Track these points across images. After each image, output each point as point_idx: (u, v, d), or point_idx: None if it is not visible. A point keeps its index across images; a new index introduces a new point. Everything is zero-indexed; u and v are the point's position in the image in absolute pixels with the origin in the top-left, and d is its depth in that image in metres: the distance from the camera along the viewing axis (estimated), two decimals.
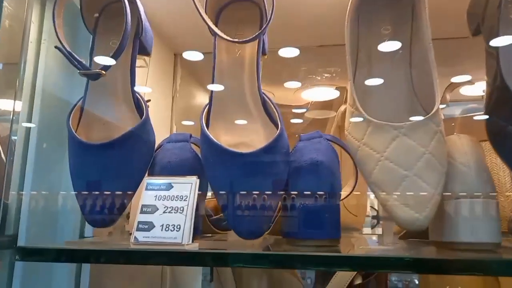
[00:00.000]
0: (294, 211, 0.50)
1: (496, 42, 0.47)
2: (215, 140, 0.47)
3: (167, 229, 0.44)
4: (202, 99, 0.97)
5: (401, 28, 0.53)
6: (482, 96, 0.84)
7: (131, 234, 0.46)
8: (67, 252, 0.47)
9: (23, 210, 0.54)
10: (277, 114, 0.51)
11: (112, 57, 0.50)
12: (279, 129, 0.48)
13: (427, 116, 0.45)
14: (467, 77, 0.89)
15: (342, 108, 0.90)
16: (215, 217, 0.63)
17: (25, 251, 0.48)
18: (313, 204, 0.49)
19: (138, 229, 0.44)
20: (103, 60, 0.54)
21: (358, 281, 0.77)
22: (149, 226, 0.44)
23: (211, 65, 0.80)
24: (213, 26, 0.50)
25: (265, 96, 0.53)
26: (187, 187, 0.46)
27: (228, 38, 0.50)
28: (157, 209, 0.45)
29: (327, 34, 0.75)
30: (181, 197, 0.45)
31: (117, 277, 0.66)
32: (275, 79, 0.88)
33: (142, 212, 0.45)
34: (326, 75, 0.79)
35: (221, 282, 0.82)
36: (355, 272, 0.76)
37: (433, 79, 0.47)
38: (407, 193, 0.43)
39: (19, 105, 0.54)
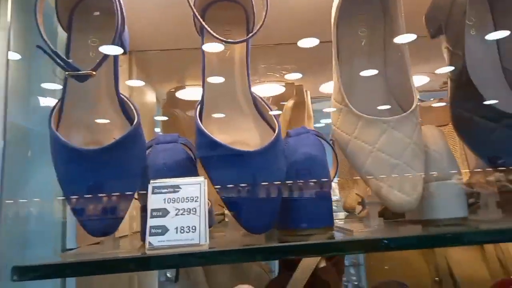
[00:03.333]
0: (291, 203, 0.52)
1: (459, 44, 0.54)
2: (218, 140, 0.47)
3: (182, 231, 0.44)
4: (154, 98, 0.95)
5: (376, 31, 0.58)
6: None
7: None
8: (64, 266, 0.44)
9: None
10: (269, 111, 0.53)
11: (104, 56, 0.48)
12: (277, 126, 0.50)
13: (410, 110, 0.51)
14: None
15: (290, 103, 0.95)
16: None
17: None
18: (309, 195, 0.52)
19: (151, 234, 0.43)
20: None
21: (323, 264, 0.82)
22: (163, 230, 0.44)
23: (163, 63, 0.80)
24: (205, 25, 0.50)
25: (255, 95, 0.54)
26: (195, 187, 0.46)
27: (221, 38, 0.50)
28: (168, 212, 0.45)
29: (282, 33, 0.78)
30: (192, 198, 0.45)
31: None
32: None
33: (152, 216, 0.44)
34: (283, 72, 0.83)
35: (190, 279, 0.81)
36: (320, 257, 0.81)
37: (409, 76, 0.53)
38: (399, 179, 0.48)
39: None
